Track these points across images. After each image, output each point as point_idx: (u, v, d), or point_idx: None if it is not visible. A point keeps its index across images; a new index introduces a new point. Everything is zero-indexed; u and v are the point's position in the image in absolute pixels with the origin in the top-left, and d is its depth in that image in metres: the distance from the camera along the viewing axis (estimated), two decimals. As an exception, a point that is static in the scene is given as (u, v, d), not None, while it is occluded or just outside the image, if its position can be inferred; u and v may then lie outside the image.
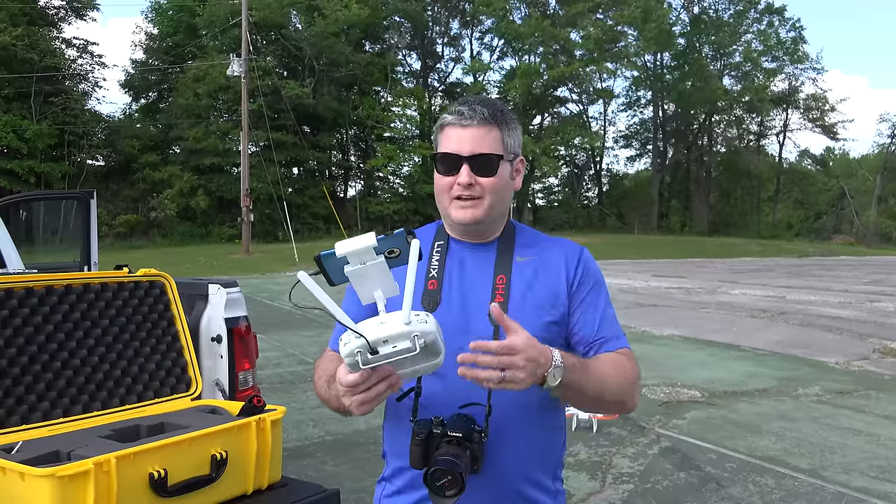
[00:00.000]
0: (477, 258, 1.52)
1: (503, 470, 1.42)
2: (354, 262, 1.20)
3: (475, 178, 1.44)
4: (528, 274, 1.50)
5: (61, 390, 2.34)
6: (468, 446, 1.31)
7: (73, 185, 31.51)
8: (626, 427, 5.68)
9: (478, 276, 1.50)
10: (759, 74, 47.53)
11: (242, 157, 27.58)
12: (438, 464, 1.26)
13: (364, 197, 40.42)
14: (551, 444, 1.51)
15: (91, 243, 4.21)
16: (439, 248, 1.54)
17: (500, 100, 1.66)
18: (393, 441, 1.52)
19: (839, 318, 12.16)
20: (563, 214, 44.87)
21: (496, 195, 1.47)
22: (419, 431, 1.33)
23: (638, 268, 23.76)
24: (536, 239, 1.58)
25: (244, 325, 3.14)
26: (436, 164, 1.48)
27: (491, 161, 1.45)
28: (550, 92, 45.40)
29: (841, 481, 4.57)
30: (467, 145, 1.44)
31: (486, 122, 1.45)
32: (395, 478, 1.51)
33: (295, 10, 37.63)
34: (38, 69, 30.53)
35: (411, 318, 1.16)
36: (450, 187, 1.47)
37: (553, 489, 1.52)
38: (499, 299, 1.45)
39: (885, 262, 30.02)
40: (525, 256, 1.53)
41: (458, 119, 1.46)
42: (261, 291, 15.34)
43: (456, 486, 1.25)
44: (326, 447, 5.14)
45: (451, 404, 1.38)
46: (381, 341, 1.15)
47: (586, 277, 1.52)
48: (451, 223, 1.53)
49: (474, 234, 1.53)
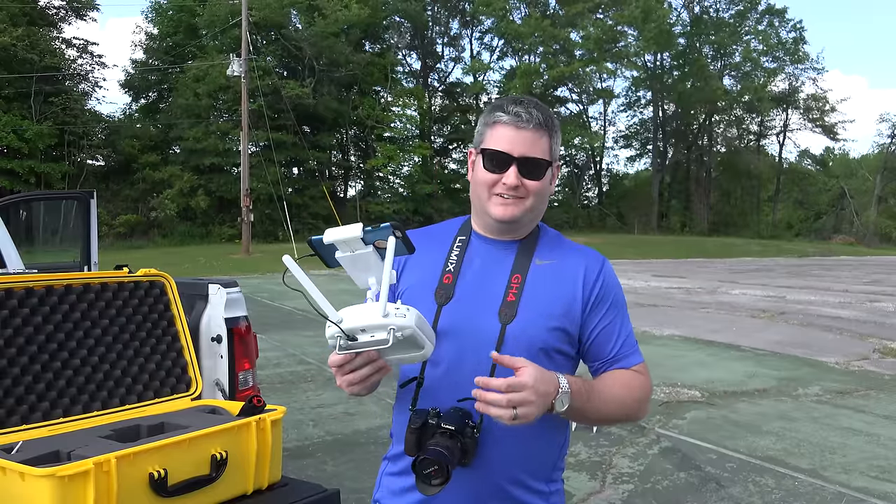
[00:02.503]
0: (496, 256, 1.54)
1: (492, 466, 1.44)
2: (344, 250, 1.26)
3: (522, 179, 1.46)
4: (545, 277, 1.51)
5: (61, 390, 2.34)
6: (460, 439, 1.35)
7: (73, 185, 31.51)
8: (626, 427, 5.67)
9: (494, 274, 1.51)
10: (759, 74, 47.55)
11: (242, 157, 27.58)
12: (428, 453, 1.31)
13: (364, 197, 40.45)
14: (547, 445, 1.51)
15: (91, 243, 4.22)
16: (460, 242, 1.56)
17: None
18: (398, 424, 1.56)
19: (839, 318, 12.16)
20: (563, 214, 44.83)
21: (538, 197, 1.50)
22: (415, 420, 1.38)
23: (638, 268, 23.76)
24: (559, 243, 1.59)
25: (244, 325, 3.14)
26: (483, 159, 1.49)
27: (540, 166, 1.47)
28: (550, 92, 45.39)
29: (841, 481, 4.56)
30: (519, 147, 1.45)
31: (540, 128, 1.47)
32: (397, 460, 1.55)
33: (295, 10, 37.62)
34: (38, 69, 30.52)
35: (389, 311, 1.21)
36: (493, 184, 1.47)
37: (546, 490, 1.52)
38: (511, 298, 1.47)
39: (885, 262, 30.03)
40: (544, 260, 1.53)
41: (515, 120, 1.46)
42: (261, 291, 15.33)
43: (442, 475, 1.29)
44: (326, 447, 5.14)
45: (450, 396, 1.41)
46: (358, 329, 1.22)
47: (605, 293, 1.52)
48: (484, 218, 1.54)
49: (504, 232, 1.54)
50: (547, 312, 1.47)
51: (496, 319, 1.45)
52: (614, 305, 1.53)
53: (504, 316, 1.45)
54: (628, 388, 1.48)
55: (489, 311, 1.46)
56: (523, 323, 1.45)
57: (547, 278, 1.50)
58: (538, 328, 1.45)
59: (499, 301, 1.47)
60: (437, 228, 1.64)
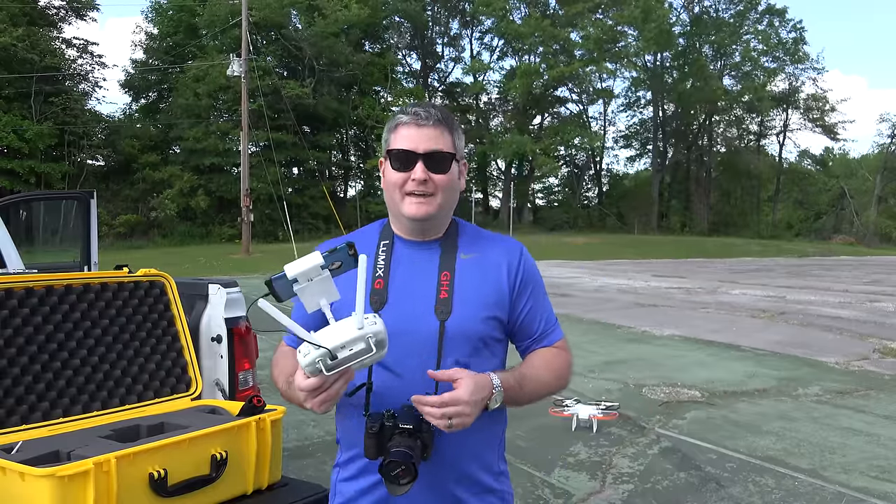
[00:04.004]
0: (422, 256, 1.59)
1: (450, 454, 1.50)
2: (303, 281, 1.32)
3: (429, 174, 1.52)
4: (472, 271, 1.57)
5: (61, 390, 2.34)
6: (419, 436, 1.40)
7: (73, 185, 31.51)
8: (626, 427, 5.68)
9: (423, 274, 1.56)
10: (759, 74, 47.55)
11: (242, 157, 27.57)
12: (393, 455, 1.35)
13: (364, 197, 40.45)
14: (493, 427, 1.59)
15: (91, 243, 4.21)
16: (385, 247, 1.61)
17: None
18: (345, 430, 1.59)
19: (839, 318, 12.15)
20: (563, 214, 44.87)
21: (447, 192, 1.55)
22: (372, 425, 1.41)
23: (638, 268, 23.74)
24: (478, 236, 1.65)
25: (244, 325, 3.13)
26: (389, 160, 1.55)
27: (445, 158, 1.53)
28: (550, 92, 45.43)
29: (841, 481, 4.56)
30: (423, 143, 1.52)
31: (440, 124, 1.54)
32: (349, 464, 1.59)
33: (295, 10, 37.62)
34: (38, 69, 30.51)
35: (363, 323, 1.27)
36: (402, 183, 1.53)
37: (497, 469, 1.61)
38: (443, 295, 1.53)
39: (885, 262, 30.04)
40: (468, 254, 1.60)
41: (415, 119, 1.54)
42: (261, 291, 15.31)
43: (409, 474, 1.35)
44: (326, 447, 5.14)
45: (401, 397, 1.45)
46: (339, 347, 1.26)
47: (528, 278, 1.62)
48: (400, 218, 1.58)
49: (422, 232, 1.59)
50: (481, 304, 1.54)
51: (433, 317, 1.51)
52: (535, 288, 1.63)
53: (441, 313, 1.51)
54: (552, 368, 1.60)
55: (425, 310, 1.51)
56: (460, 317, 1.51)
57: (474, 271, 1.57)
58: (474, 320, 1.52)
59: (433, 299, 1.52)
60: (356, 236, 1.66)
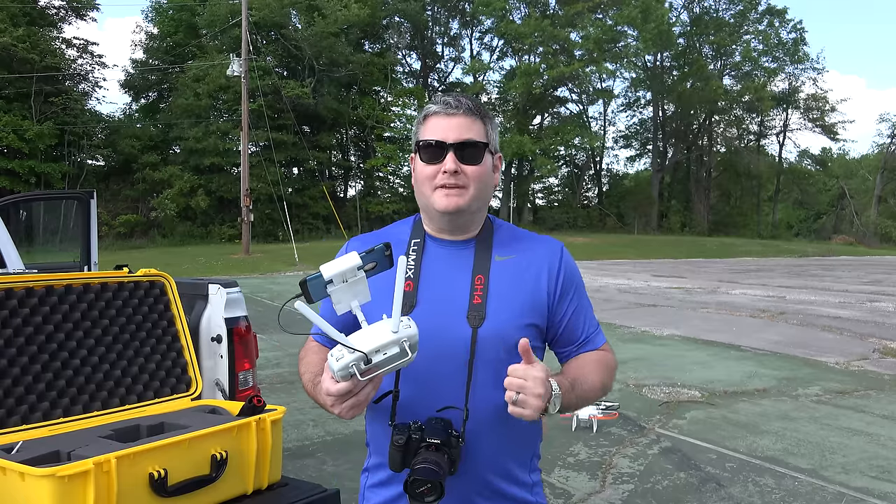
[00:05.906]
0: (455, 257, 1.50)
1: (478, 468, 1.43)
2: (338, 282, 1.27)
3: (460, 165, 1.43)
4: (507, 274, 1.48)
5: (61, 390, 2.34)
6: (446, 451, 1.32)
7: (73, 185, 31.52)
8: (626, 427, 5.68)
9: (455, 277, 1.47)
10: (759, 74, 47.55)
11: (242, 157, 27.57)
12: (418, 473, 1.28)
13: (364, 197, 40.42)
14: (525, 438, 1.51)
15: (91, 243, 4.21)
16: (416, 246, 1.51)
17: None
18: (374, 436, 1.54)
19: (839, 318, 12.15)
20: (563, 214, 44.84)
21: (480, 184, 1.46)
22: (398, 437, 1.34)
23: (638, 268, 23.74)
24: (515, 236, 1.56)
25: (244, 325, 3.13)
26: (419, 153, 1.47)
27: (477, 148, 1.45)
28: (550, 92, 45.39)
29: (841, 481, 4.56)
30: (453, 133, 1.43)
31: (472, 113, 1.45)
32: (377, 470, 1.53)
33: (295, 10, 37.60)
34: (38, 69, 30.50)
35: (399, 327, 1.22)
36: (433, 175, 1.44)
37: (529, 481, 1.52)
38: (477, 300, 1.43)
39: (885, 262, 30.04)
40: (504, 256, 1.50)
41: (444, 108, 1.45)
42: (261, 291, 15.33)
43: (435, 492, 1.28)
44: (326, 447, 5.14)
45: (428, 407, 1.39)
46: (374, 351, 1.21)
47: (569, 281, 1.52)
48: (432, 214, 1.50)
49: (454, 228, 1.50)
50: (517, 311, 1.45)
51: (465, 324, 1.41)
52: (577, 290, 1.54)
53: (473, 319, 1.42)
54: (600, 373, 1.50)
55: (457, 315, 1.42)
56: (494, 324, 1.42)
57: (510, 275, 1.48)
58: (510, 328, 1.42)
59: (465, 304, 1.43)
60: (386, 233, 1.58)
